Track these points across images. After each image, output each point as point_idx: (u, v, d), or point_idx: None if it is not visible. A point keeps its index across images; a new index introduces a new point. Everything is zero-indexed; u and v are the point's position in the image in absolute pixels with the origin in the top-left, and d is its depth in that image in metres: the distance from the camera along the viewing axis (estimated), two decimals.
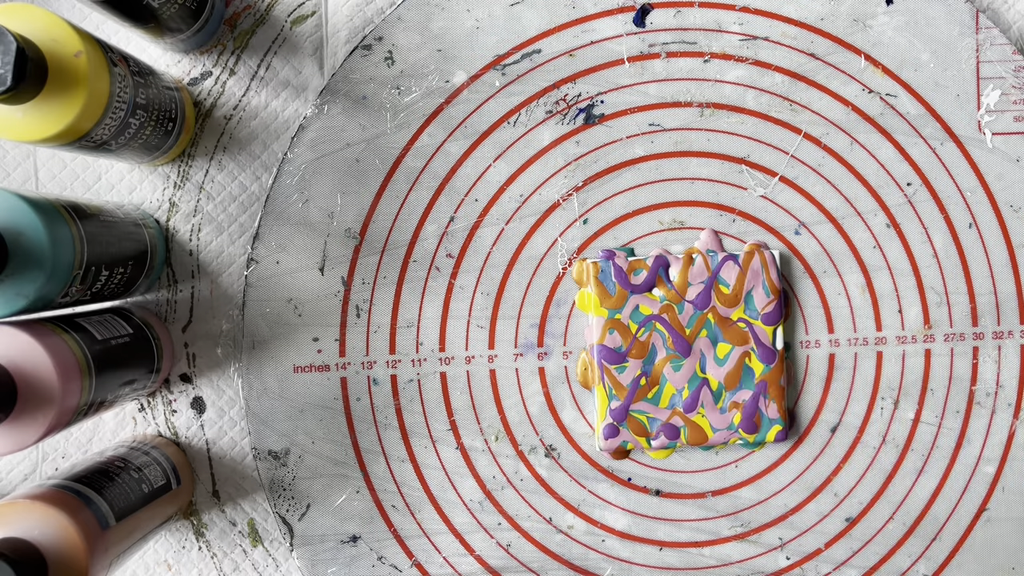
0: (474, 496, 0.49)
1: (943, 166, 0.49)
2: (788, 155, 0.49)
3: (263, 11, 0.49)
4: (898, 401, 0.49)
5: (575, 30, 0.49)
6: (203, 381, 0.49)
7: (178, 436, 0.49)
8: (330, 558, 0.49)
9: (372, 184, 0.49)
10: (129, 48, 0.49)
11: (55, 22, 0.35)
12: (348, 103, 0.48)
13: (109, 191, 0.49)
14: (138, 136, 0.42)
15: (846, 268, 0.49)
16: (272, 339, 0.48)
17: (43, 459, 0.49)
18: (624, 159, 0.49)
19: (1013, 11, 0.50)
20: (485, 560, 0.49)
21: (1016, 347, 0.49)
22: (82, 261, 0.38)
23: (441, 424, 0.49)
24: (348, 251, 0.49)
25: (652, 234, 0.49)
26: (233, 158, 0.49)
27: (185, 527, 0.49)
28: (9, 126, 0.36)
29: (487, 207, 0.49)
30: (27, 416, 0.36)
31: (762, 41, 0.49)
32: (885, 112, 0.49)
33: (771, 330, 0.48)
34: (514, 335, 0.49)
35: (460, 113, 0.49)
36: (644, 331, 0.48)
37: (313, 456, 0.48)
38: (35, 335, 0.37)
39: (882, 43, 0.49)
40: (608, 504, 0.49)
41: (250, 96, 0.49)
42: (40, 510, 0.36)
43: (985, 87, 0.49)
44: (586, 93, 0.49)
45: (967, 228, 0.49)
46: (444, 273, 0.49)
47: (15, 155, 0.49)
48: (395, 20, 0.48)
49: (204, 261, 0.49)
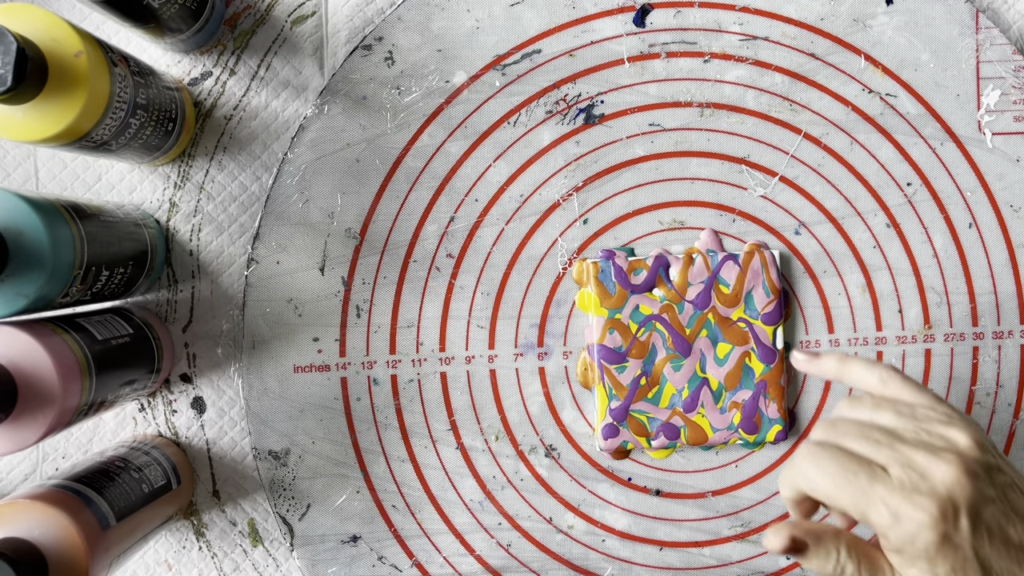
0: (474, 496, 0.49)
1: (943, 166, 0.49)
2: (788, 155, 0.49)
3: (263, 11, 0.49)
4: None
5: (575, 30, 0.49)
6: (203, 381, 0.49)
7: (178, 436, 0.49)
8: (330, 558, 0.49)
9: (372, 184, 0.49)
10: (129, 48, 0.49)
11: (55, 22, 0.36)
12: (348, 103, 0.48)
13: (109, 191, 0.49)
14: (138, 136, 0.42)
15: (846, 268, 0.49)
16: (272, 339, 0.48)
17: (43, 459, 0.49)
18: (624, 159, 0.49)
19: (1013, 11, 0.50)
20: (485, 560, 0.49)
21: (1016, 347, 0.49)
22: (82, 261, 0.38)
23: (441, 424, 0.49)
24: (348, 251, 0.49)
25: (652, 234, 0.49)
26: (233, 158, 0.49)
27: (185, 527, 0.49)
28: (9, 126, 0.36)
29: (487, 207, 0.49)
30: (27, 416, 0.36)
31: (762, 41, 0.49)
32: (885, 112, 0.49)
33: (771, 330, 0.48)
34: (514, 335, 0.49)
35: (460, 113, 0.49)
36: (644, 331, 0.48)
37: (313, 456, 0.48)
38: (35, 335, 0.37)
39: (882, 43, 0.49)
40: (608, 504, 0.49)
41: (250, 96, 0.49)
42: (40, 510, 0.36)
43: (985, 87, 0.49)
44: (586, 93, 0.49)
45: (967, 228, 0.49)
46: (444, 273, 0.49)
47: (15, 155, 0.49)
48: (395, 20, 0.48)
49: (204, 261, 0.49)
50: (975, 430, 0.36)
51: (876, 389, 0.39)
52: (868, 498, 0.34)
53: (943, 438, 0.35)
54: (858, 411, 0.38)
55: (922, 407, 0.37)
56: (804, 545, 0.35)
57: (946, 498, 0.33)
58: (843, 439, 0.36)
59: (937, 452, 0.34)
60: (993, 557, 0.33)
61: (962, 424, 0.36)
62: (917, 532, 0.33)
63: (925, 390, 0.38)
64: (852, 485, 0.34)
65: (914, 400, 0.38)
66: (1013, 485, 0.35)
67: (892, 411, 0.37)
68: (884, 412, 0.37)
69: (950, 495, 0.33)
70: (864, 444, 0.35)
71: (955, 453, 0.34)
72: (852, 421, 0.37)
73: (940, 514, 0.33)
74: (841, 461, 0.35)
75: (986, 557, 0.33)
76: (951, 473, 0.34)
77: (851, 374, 0.40)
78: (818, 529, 0.35)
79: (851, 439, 0.36)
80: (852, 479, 0.35)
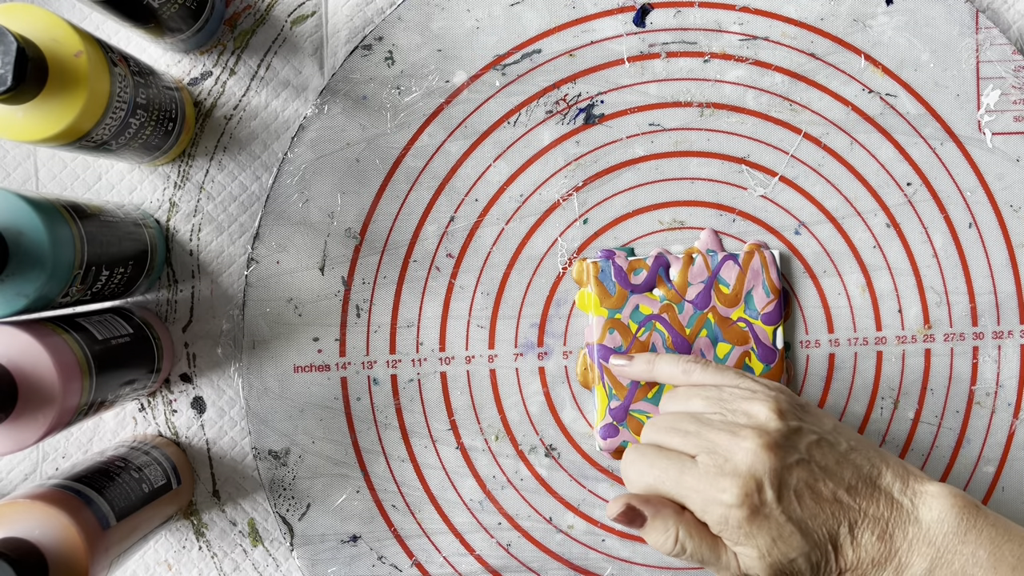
0: (474, 496, 0.49)
1: (943, 166, 0.49)
2: (788, 155, 0.49)
3: (263, 11, 0.49)
4: (898, 401, 0.49)
5: (575, 30, 0.49)
6: (203, 381, 0.49)
7: (178, 436, 0.49)
8: (330, 558, 0.49)
9: (372, 184, 0.49)
10: (129, 48, 0.49)
11: (55, 22, 0.36)
12: (348, 103, 0.48)
13: (109, 191, 0.49)
14: (138, 136, 0.42)
15: (846, 268, 0.49)
16: (272, 339, 0.48)
17: (43, 459, 0.49)
18: (624, 159, 0.49)
19: (1013, 11, 0.50)
20: (485, 560, 0.49)
21: (1016, 347, 0.50)
22: (82, 261, 0.38)
23: (441, 424, 0.49)
24: (348, 251, 0.49)
25: (652, 234, 0.49)
26: (233, 158, 0.49)
27: (185, 527, 0.49)
28: (9, 126, 0.36)
29: (487, 207, 0.49)
30: (27, 416, 0.36)
31: (762, 41, 0.49)
32: (885, 112, 0.49)
33: (771, 330, 0.48)
34: (514, 335, 0.49)
35: (460, 113, 0.49)
36: (644, 331, 0.48)
37: (313, 456, 0.49)
38: (35, 335, 0.37)
39: (882, 43, 0.49)
40: (608, 504, 0.49)
41: (250, 96, 0.49)
42: (40, 510, 0.36)
43: (985, 87, 0.49)
44: (586, 93, 0.49)
45: (967, 228, 0.49)
46: (444, 273, 0.49)
47: (15, 155, 0.49)
48: (395, 20, 0.48)
49: (204, 261, 0.49)
50: (775, 399, 0.38)
51: (682, 380, 0.42)
52: (681, 488, 0.37)
53: (746, 414, 0.38)
54: (674, 403, 0.41)
55: (727, 387, 0.40)
56: (642, 516, 0.37)
57: (747, 475, 0.35)
58: (660, 436, 0.39)
59: (738, 431, 0.37)
60: (808, 517, 0.35)
61: (763, 395, 0.38)
62: (727, 513, 0.35)
63: (727, 370, 0.41)
64: (665, 480, 0.37)
65: (719, 381, 0.40)
66: (820, 441, 0.37)
67: (701, 397, 0.39)
68: (694, 400, 0.40)
69: (751, 471, 0.35)
70: (675, 437, 0.38)
71: (755, 428, 0.36)
72: (669, 415, 0.39)
73: (743, 492, 0.35)
74: (652, 459, 0.38)
75: (800, 519, 0.35)
76: (750, 449, 0.36)
77: (659, 371, 0.43)
78: (657, 502, 0.37)
79: (666, 434, 0.38)
80: (664, 475, 0.37)
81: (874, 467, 0.37)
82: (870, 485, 0.36)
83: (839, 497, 0.36)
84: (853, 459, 0.37)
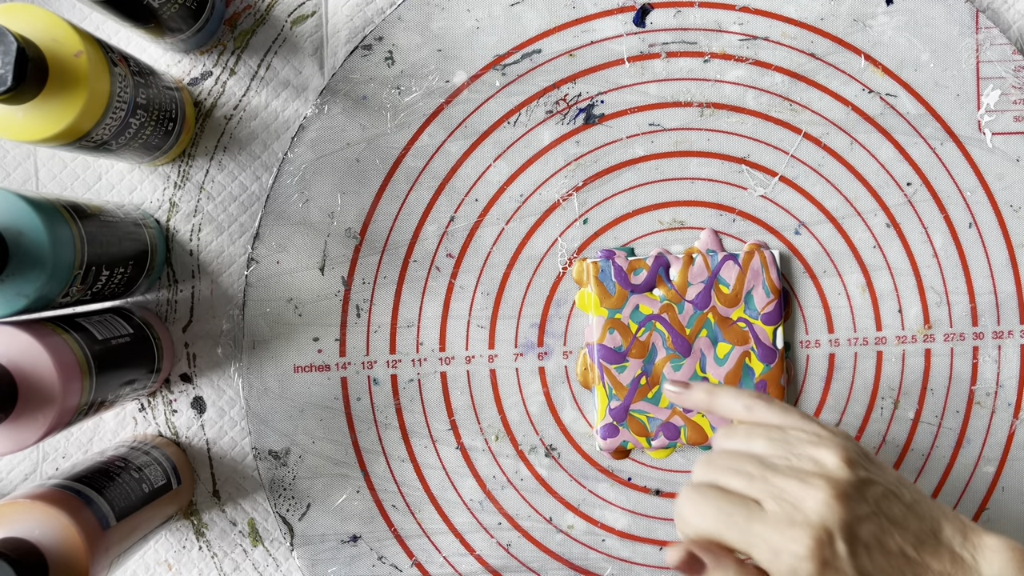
0: (474, 496, 0.49)
1: (943, 166, 0.49)
2: (788, 155, 0.49)
3: (263, 11, 0.49)
4: (898, 401, 0.49)
5: (575, 30, 0.49)
6: (203, 381, 0.49)
7: (178, 436, 0.49)
8: (330, 558, 0.49)
9: (372, 184, 0.49)
10: (129, 48, 0.49)
11: (55, 22, 0.35)
12: (348, 103, 0.48)
13: (109, 191, 0.49)
14: (138, 136, 0.42)
15: (846, 268, 0.49)
16: (272, 339, 0.48)
17: (43, 459, 0.49)
18: (624, 159, 0.49)
19: (1013, 11, 0.50)
20: (485, 560, 0.49)
21: (1016, 347, 0.50)
22: (82, 261, 0.38)
23: (441, 424, 0.49)
24: (348, 251, 0.49)
25: (652, 234, 0.49)
26: (233, 158, 0.49)
27: (185, 527, 0.49)
28: (9, 126, 0.36)
29: (487, 207, 0.49)
30: (28, 416, 0.36)
31: (762, 41, 0.49)
32: (885, 112, 0.49)
33: (771, 330, 0.48)
34: (514, 335, 0.49)
35: (460, 113, 0.49)
36: (644, 331, 0.48)
37: (313, 456, 0.49)
38: (35, 335, 0.37)
39: (882, 43, 0.49)
40: (608, 504, 0.49)
41: (250, 96, 0.49)
42: (41, 510, 0.36)
43: (985, 87, 0.49)
44: (586, 93, 0.49)
45: (967, 228, 0.49)
46: (444, 273, 0.49)
47: (15, 155, 0.49)
48: (395, 20, 0.48)
49: (204, 261, 0.49)
50: (843, 447, 0.36)
51: (743, 416, 0.39)
52: (748, 536, 0.35)
53: (813, 460, 0.36)
54: (733, 441, 0.38)
55: (792, 429, 0.37)
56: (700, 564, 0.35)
57: (819, 526, 0.34)
58: (719, 476, 0.36)
59: (807, 479, 0.35)
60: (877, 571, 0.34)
61: (831, 443, 0.36)
62: (797, 564, 0.34)
63: (791, 410, 0.38)
64: (731, 526, 0.35)
65: (782, 422, 0.38)
66: (887, 494, 0.36)
67: (764, 438, 0.37)
68: (756, 440, 0.37)
69: (823, 523, 0.34)
70: (738, 479, 0.36)
71: (824, 477, 0.35)
72: (727, 453, 0.37)
73: (816, 544, 0.33)
74: (717, 503, 0.35)
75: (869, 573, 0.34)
76: (821, 500, 0.34)
77: (719, 404, 0.40)
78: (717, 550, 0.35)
79: (726, 475, 0.36)
80: (730, 520, 0.35)
81: (935, 520, 0.36)
82: (933, 539, 0.35)
83: (906, 552, 0.34)
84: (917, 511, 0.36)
